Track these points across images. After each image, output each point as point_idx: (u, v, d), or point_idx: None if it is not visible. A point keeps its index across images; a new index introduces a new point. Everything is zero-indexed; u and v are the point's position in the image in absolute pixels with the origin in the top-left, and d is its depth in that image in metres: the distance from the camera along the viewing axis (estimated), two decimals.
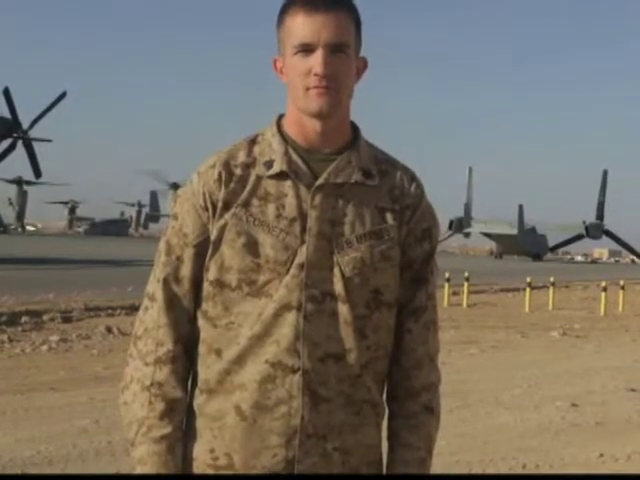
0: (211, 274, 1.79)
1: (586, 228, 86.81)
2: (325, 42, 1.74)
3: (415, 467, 1.83)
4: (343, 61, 1.76)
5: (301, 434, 1.73)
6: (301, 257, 1.75)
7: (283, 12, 1.80)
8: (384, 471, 1.87)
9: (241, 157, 1.82)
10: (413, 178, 1.89)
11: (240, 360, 1.75)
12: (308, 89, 1.75)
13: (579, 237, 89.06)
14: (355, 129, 1.88)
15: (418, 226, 1.86)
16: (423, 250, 1.87)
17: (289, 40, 1.77)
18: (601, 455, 6.26)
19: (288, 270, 1.74)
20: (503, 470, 5.73)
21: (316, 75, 1.74)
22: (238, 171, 1.80)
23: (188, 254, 1.81)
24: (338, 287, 1.76)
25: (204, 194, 1.80)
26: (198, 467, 1.79)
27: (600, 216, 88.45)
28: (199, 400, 1.81)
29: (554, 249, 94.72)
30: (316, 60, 1.74)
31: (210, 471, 1.78)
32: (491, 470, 5.71)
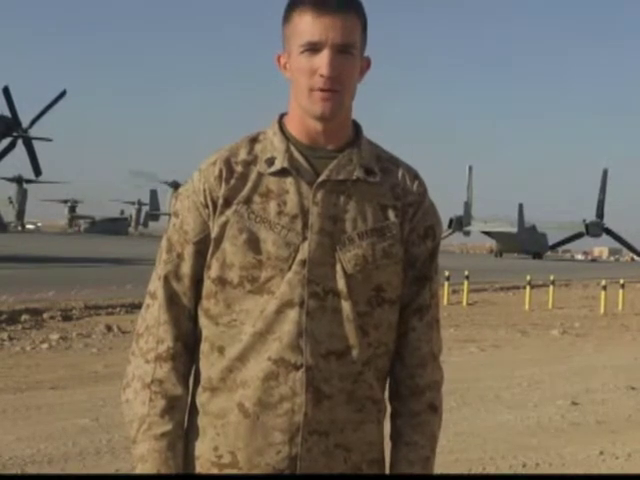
0: (213, 272, 1.78)
1: (586, 226, 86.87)
2: (332, 43, 1.73)
3: (419, 466, 1.82)
4: (349, 62, 1.75)
5: (304, 431, 1.73)
6: (303, 254, 1.74)
7: (290, 9, 1.78)
8: (386, 469, 1.87)
9: (242, 155, 1.81)
10: (415, 176, 1.88)
11: (243, 358, 1.75)
12: (312, 90, 1.74)
13: (579, 235, 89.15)
14: (357, 127, 1.87)
15: (421, 224, 1.85)
16: (426, 248, 1.87)
17: (296, 38, 1.76)
18: (601, 453, 6.25)
19: (290, 267, 1.74)
20: (503, 469, 5.72)
21: (322, 76, 1.73)
22: (239, 168, 1.80)
23: (188, 251, 1.81)
24: (340, 284, 1.75)
25: (204, 191, 1.79)
26: (202, 465, 1.78)
27: (600, 214, 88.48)
28: (202, 398, 1.80)
29: (554, 247, 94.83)
30: (322, 61, 1.73)
31: (214, 469, 1.77)
32: (491, 469, 5.71)
